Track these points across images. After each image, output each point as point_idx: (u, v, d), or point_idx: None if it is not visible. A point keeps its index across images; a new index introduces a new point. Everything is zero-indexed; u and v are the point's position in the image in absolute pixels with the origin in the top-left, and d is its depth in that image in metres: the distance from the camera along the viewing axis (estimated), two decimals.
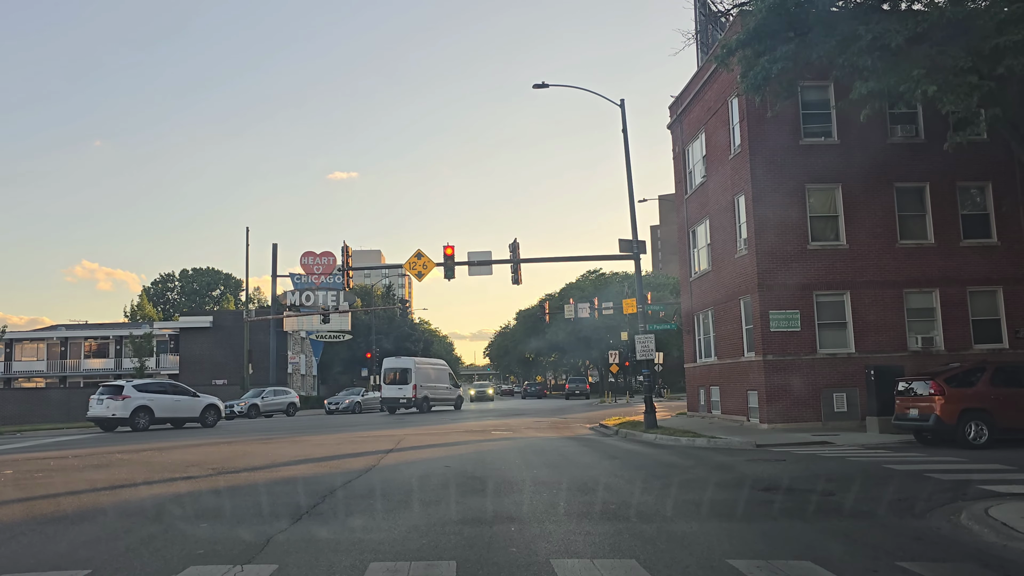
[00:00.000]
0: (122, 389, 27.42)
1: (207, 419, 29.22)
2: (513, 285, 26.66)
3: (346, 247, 27.56)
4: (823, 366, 20.65)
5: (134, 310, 78.72)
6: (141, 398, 27.30)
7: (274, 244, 50.45)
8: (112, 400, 26.99)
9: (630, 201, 24.16)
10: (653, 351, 23.07)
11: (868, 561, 6.09)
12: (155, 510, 8.88)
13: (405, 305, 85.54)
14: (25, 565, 6.20)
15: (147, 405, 27.36)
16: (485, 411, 43.41)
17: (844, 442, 16.45)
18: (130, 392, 27.22)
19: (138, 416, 26.99)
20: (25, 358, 63.65)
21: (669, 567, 5.85)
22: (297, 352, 61.46)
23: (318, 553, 6.38)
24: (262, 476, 11.99)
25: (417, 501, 9.15)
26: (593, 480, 10.93)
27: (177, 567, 5.95)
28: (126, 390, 27.32)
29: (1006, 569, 5.91)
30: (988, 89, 15.49)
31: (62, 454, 17.22)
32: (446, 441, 18.88)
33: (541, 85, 23.79)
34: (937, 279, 21.25)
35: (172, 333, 60.91)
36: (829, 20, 16.75)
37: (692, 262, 27.76)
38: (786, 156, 21.42)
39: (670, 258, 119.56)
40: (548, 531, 7.22)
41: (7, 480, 12.17)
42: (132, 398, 27.09)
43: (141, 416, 27.06)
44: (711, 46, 24.90)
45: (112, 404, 26.95)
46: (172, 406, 28.44)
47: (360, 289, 71.53)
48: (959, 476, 10.69)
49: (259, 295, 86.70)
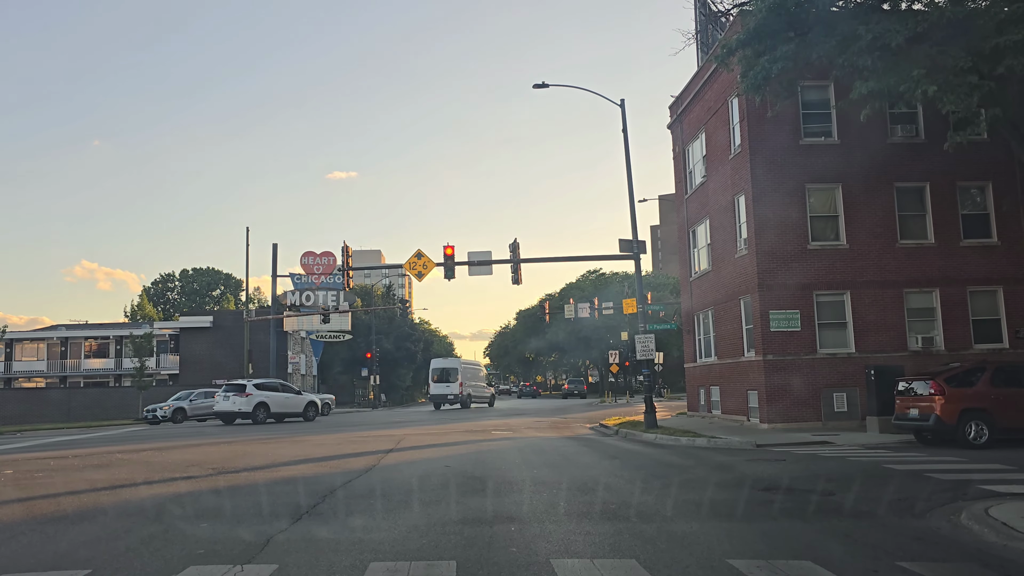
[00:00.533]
0: (245, 387, 30.84)
1: (308, 414, 32.71)
2: (513, 285, 26.72)
3: (346, 247, 27.58)
4: (823, 366, 20.65)
5: (134, 310, 78.73)
6: (260, 395, 30.88)
7: (274, 244, 50.31)
8: (237, 397, 30.43)
9: (630, 201, 24.19)
10: (653, 351, 23.07)
11: (868, 561, 6.09)
12: (155, 510, 8.89)
13: (405, 305, 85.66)
14: (25, 565, 6.20)
15: (265, 401, 30.94)
16: (485, 411, 43.45)
17: (844, 442, 16.45)
18: (252, 390, 30.69)
19: (258, 411, 30.53)
20: (25, 358, 63.65)
21: (669, 567, 5.85)
22: (297, 352, 61.48)
23: (318, 553, 6.38)
24: (262, 476, 12.00)
25: (417, 501, 9.15)
26: (593, 480, 10.93)
27: (177, 567, 5.95)
28: (248, 388, 30.77)
29: (1006, 569, 5.91)
30: (988, 89, 15.48)
31: (62, 454, 17.23)
32: (446, 441, 18.88)
33: (541, 85, 23.81)
34: (937, 279, 21.25)
35: (172, 333, 60.90)
36: (829, 20, 16.75)
37: (692, 262, 27.77)
38: (786, 156, 21.42)
39: (670, 258, 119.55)
40: (548, 531, 7.22)
41: (7, 480, 12.18)
42: (253, 395, 30.61)
43: (260, 411, 30.59)
44: (711, 46, 24.91)
45: (237, 400, 30.39)
46: (283, 402, 31.96)
47: (360, 289, 71.55)
48: (959, 476, 10.69)
49: (259, 295, 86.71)
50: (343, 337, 58.04)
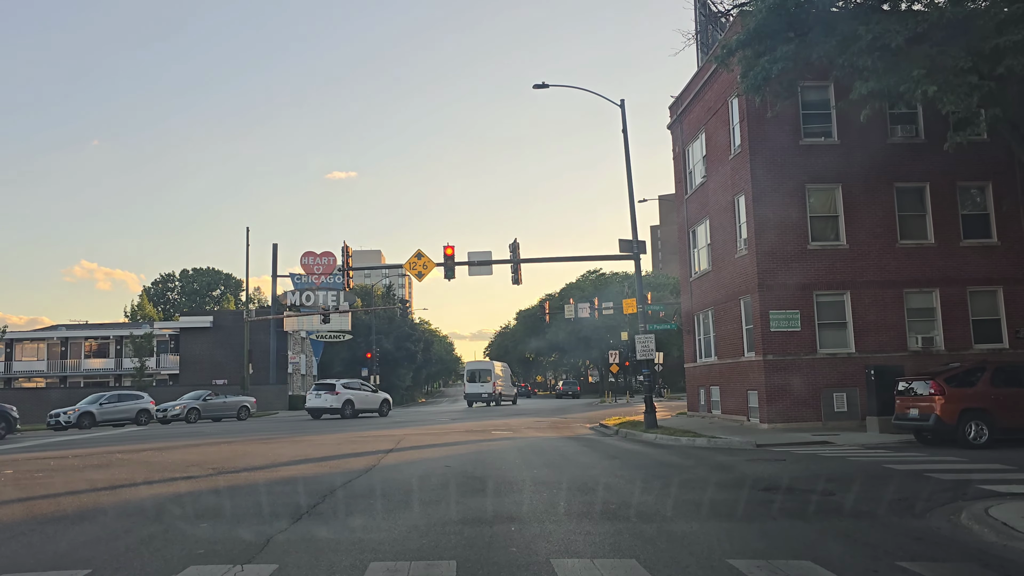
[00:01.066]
0: (335, 387, 34.99)
1: (383, 410, 36.86)
2: (513, 285, 26.69)
3: (346, 247, 27.56)
4: (823, 366, 20.65)
5: (134, 310, 78.70)
6: (348, 393, 35.01)
7: (274, 244, 50.59)
8: (328, 395, 34.37)
9: (630, 201, 24.19)
10: (653, 351, 23.07)
11: (868, 561, 6.09)
12: (155, 510, 8.89)
13: (405, 305, 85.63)
14: (25, 565, 6.20)
15: (351, 399, 34.95)
16: (485, 412, 43.41)
17: (844, 442, 16.45)
18: (340, 389, 34.81)
19: (346, 407, 34.36)
20: (25, 358, 63.66)
21: (669, 567, 5.85)
22: (297, 352, 61.46)
23: (318, 553, 6.38)
24: (262, 476, 11.99)
25: (417, 501, 9.15)
26: (593, 480, 10.93)
27: (177, 567, 5.95)
28: (337, 387, 34.89)
29: (1006, 569, 5.91)
30: (988, 89, 15.47)
31: (62, 454, 17.22)
32: (446, 441, 18.88)
33: (541, 85, 23.80)
34: (937, 279, 21.24)
35: (172, 333, 60.89)
36: (829, 20, 16.75)
37: (692, 262, 27.76)
38: (786, 156, 21.41)
39: (670, 258, 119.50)
40: (548, 531, 7.22)
41: (7, 480, 12.17)
42: (342, 394, 34.60)
43: (348, 407, 34.44)
44: (711, 46, 24.91)
45: (328, 398, 34.24)
46: (364, 399, 36.12)
47: (360, 289, 71.56)
48: (959, 476, 10.69)
49: (259, 295, 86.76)
50: (343, 337, 58.03)
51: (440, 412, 42.39)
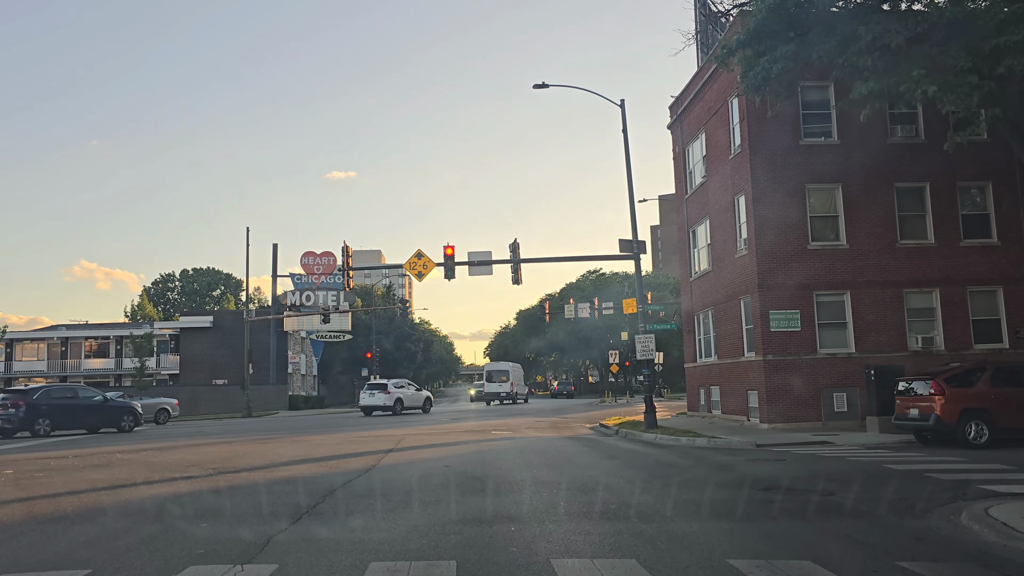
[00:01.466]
0: (387, 387, 38.73)
1: (425, 407, 40.33)
2: (513, 285, 26.69)
3: (346, 247, 27.55)
4: (823, 366, 20.64)
5: (134, 310, 78.66)
6: (398, 392, 38.55)
7: (274, 244, 50.55)
8: (381, 394, 38.03)
9: (630, 201, 24.19)
10: (653, 351, 23.07)
11: (868, 561, 6.09)
12: (155, 510, 8.89)
13: (405, 305, 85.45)
14: (25, 565, 6.20)
15: (401, 398, 38.36)
16: (486, 411, 43.43)
17: (844, 442, 16.44)
18: (392, 389, 38.56)
19: (397, 405, 37.76)
20: (25, 358, 63.65)
21: (669, 567, 5.85)
22: (297, 352, 61.48)
23: (318, 553, 6.38)
24: (262, 476, 12.00)
25: (417, 501, 9.15)
26: (593, 480, 10.93)
27: (177, 567, 5.95)
28: (389, 387, 38.68)
29: (1006, 569, 5.91)
30: (988, 89, 15.47)
31: (62, 454, 17.22)
32: (446, 441, 18.88)
33: (541, 85, 23.79)
34: (937, 279, 21.23)
35: (172, 333, 60.87)
36: (829, 20, 16.74)
37: (692, 262, 27.76)
38: (786, 156, 21.41)
39: (670, 258, 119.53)
40: (548, 531, 7.22)
41: (7, 480, 12.18)
42: (393, 393, 38.15)
43: (398, 405, 37.86)
44: (711, 46, 24.90)
45: (382, 396, 37.85)
46: (411, 397, 39.51)
47: (360, 289, 71.52)
48: (959, 476, 10.69)
49: (259, 295, 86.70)
50: (343, 337, 58.03)
51: (440, 412, 42.37)
